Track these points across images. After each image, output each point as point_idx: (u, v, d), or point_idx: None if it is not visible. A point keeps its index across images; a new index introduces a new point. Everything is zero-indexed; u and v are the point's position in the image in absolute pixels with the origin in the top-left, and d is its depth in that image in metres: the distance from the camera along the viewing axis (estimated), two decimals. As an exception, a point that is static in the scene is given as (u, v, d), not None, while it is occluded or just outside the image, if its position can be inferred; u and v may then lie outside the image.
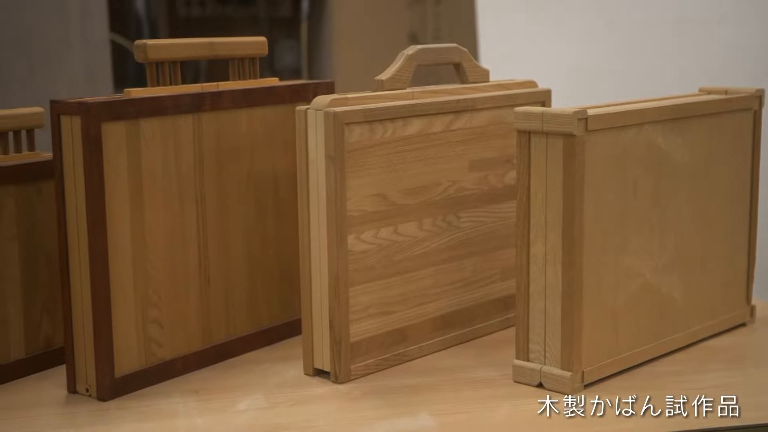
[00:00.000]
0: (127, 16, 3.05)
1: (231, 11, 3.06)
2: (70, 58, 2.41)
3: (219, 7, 3.04)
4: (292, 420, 0.96)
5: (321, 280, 1.05)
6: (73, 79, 2.42)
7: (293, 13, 3.02)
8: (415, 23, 2.78)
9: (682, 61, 2.19)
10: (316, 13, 2.88)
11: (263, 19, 3.06)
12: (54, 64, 2.39)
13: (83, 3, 2.40)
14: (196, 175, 1.08)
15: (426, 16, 2.79)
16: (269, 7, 3.05)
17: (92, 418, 0.97)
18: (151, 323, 1.06)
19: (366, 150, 1.05)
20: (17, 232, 1.07)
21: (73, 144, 0.99)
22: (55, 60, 2.39)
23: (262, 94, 1.15)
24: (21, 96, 2.35)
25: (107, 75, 2.45)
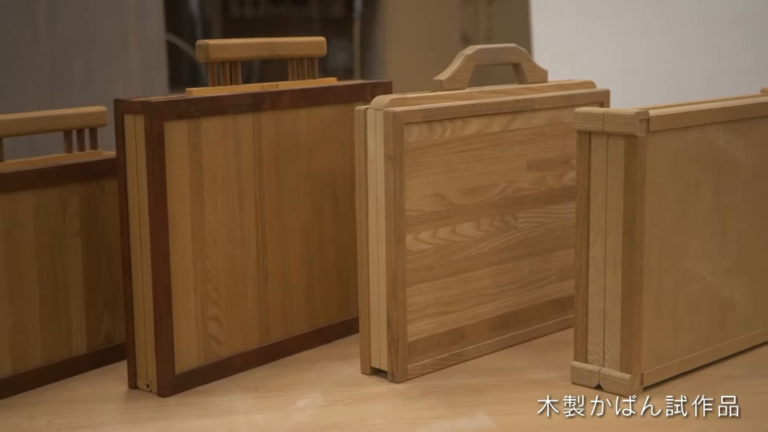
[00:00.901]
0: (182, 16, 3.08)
1: (284, 11, 3.08)
2: (126, 58, 2.44)
3: (272, 8, 3.06)
4: (350, 418, 0.97)
5: (379, 280, 1.06)
6: (130, 79, 2.45)
7: (346, 13, 3.03)
8: (467, 23, 2.77)
9: (741, 62, 2.16)
10: (368, 13, 2.89)
11: (315, 19, 3.08)
12: (111, 64, 2.43)
13: (141, 3, 2.43)
14: (255, 174, 1.09)
15: (478, 17, 2.79)
16: (322, 7, 3.06)
17: (153, 414, 0.98)
18: (210, 320, 1.07)
19: (425, 150, 1.05)
20: (80, 228, 1.08)
21: (136, 142, 1.00)
22: (112, 60, 2.42)
23: (320, 93, 1.15)
24: (79, 95, 2.38)
25: (162, 75, 2.48)
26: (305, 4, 3.06)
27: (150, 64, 2.47)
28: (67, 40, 2.38)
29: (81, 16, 2.39)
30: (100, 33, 2.41)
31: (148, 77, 2.46)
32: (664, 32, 2.25)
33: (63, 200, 1.06)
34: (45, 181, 1.04)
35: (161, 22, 2.47)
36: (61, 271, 1.07)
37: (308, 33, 3.00)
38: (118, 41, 2.43)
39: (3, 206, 1.01)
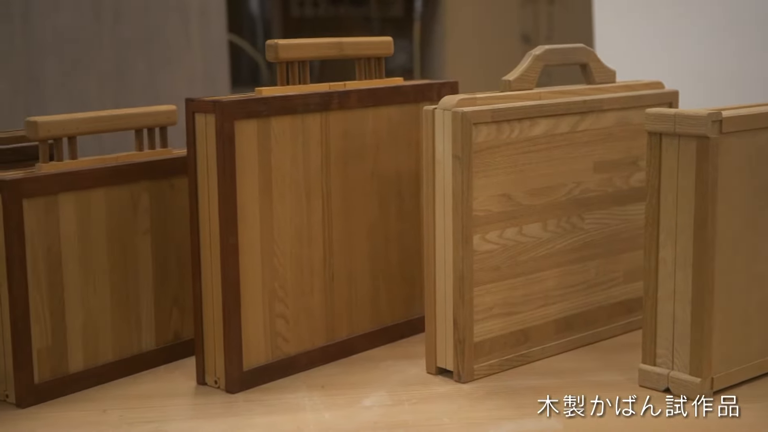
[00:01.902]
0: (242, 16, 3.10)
1: (343, 11, 3.09)
2: (188, 58, 2.47)
3: (332, 8, 3.07)
4: (417, 417, 0.97)
5: (446, 280, 1.06)
6: (192, 79, 2.47)
7: (406, 13, 3.03)
8: (527, 23, 2.76)
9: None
10: (428, 12, 2.89)
11: (375, 19, 3.08)
12: (174, 64, 2.45)
13: (203, 4, 2.45)
14: (322, 173, 1.10)
15: (539, 16, 2.77)
16: (381, 7, 3.07)
17: (222, 410, 0.99)
18: (277, 318, 1.07)
19: (493, 150, 1.05)
20: (150, 226, 1.10)
21: (206, 141, 1.01)
22: (174, 60, 2.45)
23: (387, 93, 1.16)
24: (142, 95, 2.41)
25: (224, 75, 2.50)
26: (365, 4, 3.07)
27: (212, 64, 2.50)
28: (130, 41, 2.41)
29: (144, 17, 2.42)
30: (163, 33, 2.43)
31: (210, 77, 2.49)
32: (730, 31, 2.22)
33: (134, 198, 1.08)
34: (117, 179, 1.06)
35: (223, 23, 2.50)
36: (131, 268, 1.08)
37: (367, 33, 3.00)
38: (181, 41, 2.46)
39: (77, 203, 1.03)
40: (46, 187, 1.00)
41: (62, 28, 2.38)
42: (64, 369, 1.03)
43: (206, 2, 2.46)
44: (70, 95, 2.38)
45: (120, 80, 2.41)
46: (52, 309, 1.02)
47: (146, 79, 2.44)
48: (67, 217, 1.02)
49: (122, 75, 2.41)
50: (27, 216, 0.99)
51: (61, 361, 1.03)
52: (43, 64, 2.37)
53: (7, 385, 1.01)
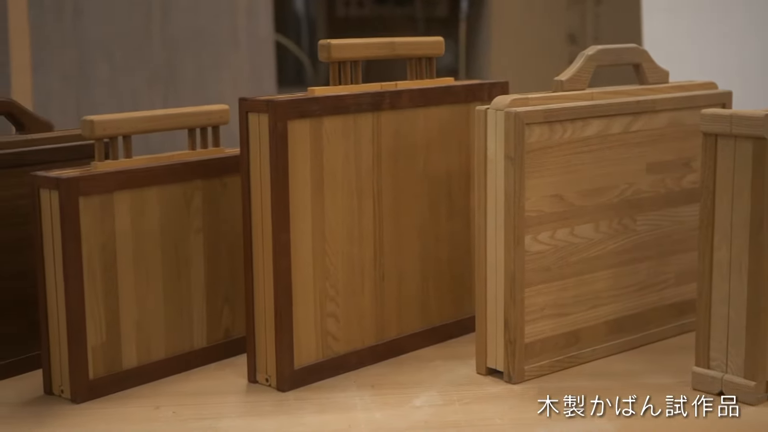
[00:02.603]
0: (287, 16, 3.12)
1: (388, 11, 3.09)
2: (236, 58, 2.48)
3: (376, 8, 3.08)
4: (468, 417, 0.97)
5: (497, 280, 1.05)
6: (239, 78, 2.49)
7: (451, 13, 3.02)
8: (574, 24, 2.75)
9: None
10: (474, 13, 2.88)
11: (420, 19, 3.08)
12: (221, 63, 2.47)
13: (251, 3, 2.47)
14: (373, 172, 1.10)
15: (586, 17, 2.76)
16: (426, 7, 3.07)
17: (274, 408, 1.00)
18: (328, 317, 1.08)
19: (545, 150, 1.04)
20: (202, 224, 1.10)
21: (260, 140, 1.02)
22: (222, 59, 2.47)
23: (438, 93, 1.15)
24: (190, 94, 2.43)
25: (271, 74, 2.51)
26: (410, 4, 3.07)
27: (259, 63, 2.51)
28: (179, 40, 2.43)
29: (193, 16, 2.44)
30: (211, 33, 2.45)
31: (257, 76, 2.50)
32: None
33: (187, 196, 1.09)
34: (170, 178, 1.07)
35: (270, 22, 2.51)
36: (183, 266, 1.09)
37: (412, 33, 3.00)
38: (229, 41, 2.47)
39: (131, 201, 1.04)
40: (101, 186, 1.01)
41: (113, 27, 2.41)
42: (117, 365, 1.04)
43: (254, 2, 2.47)
44: (119, 94, 2.41)
45: (169, 79, 2.43)
46: (106, 306, 1.03)
47: (194, 78, 2.46)
48: (122, 215, 1.03)
49: (171, 74, 2.43)
50: (83, 214, 1.00)
51: (114, 358, 1.04)
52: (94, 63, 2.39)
53: (62, 381, 1.02)
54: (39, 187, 1.00)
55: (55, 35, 2.36)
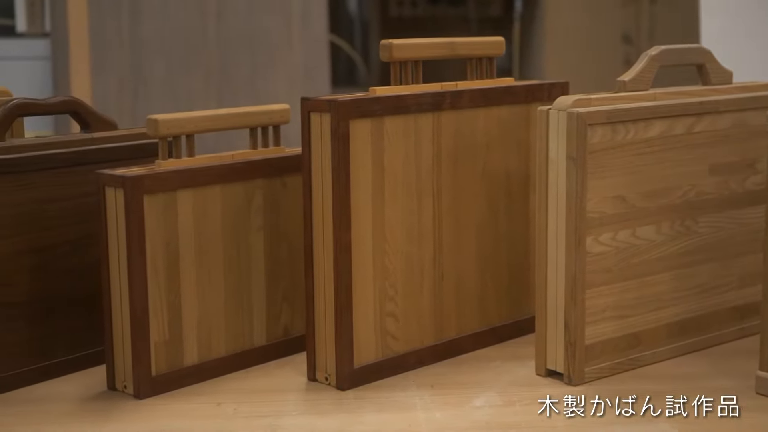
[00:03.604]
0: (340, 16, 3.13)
1: (441, 11, 3.09)
2: (290, 58, 2.50)
3: (429, 7, 3.07)
4: (529, 419, 0.97)
5: (557, 281, 1.05)
6: (293, 78, 2.50)
7: (504, 13, 3.01)
8: (628, 23, 2.72)
9: None
10: (528, 13, 2.87)
11: (473, 19, 3.07)
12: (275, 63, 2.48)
13: (305, 4, 2.48)
14: (433, 172, 1.10)
15: (640, 16, 2.74)
16: (480, 7, 3.06)
17: (334, 406, 1.00)
18: (387, 316, 1.08)
19: (607, 151, 1.04)
20: (263, 223, 1.11)
21: (321, 140, 1.02)
22: (276, 60, 2.48)
23: (499, 93, 1.15)
24: (244, 94, 2.45)
25: (324, 74, 2.52)
26: (463, 4, 3.06)
27: (313, 63, 2.52)
28: (234, 40, 2.45)
29: (248, 17, 2.46)
30: (266, 33, 2.47)
31: (311, 76, 2.51)
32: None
33: (248, 195, 1.09)
34: (232, 177, 1.08)
35: (325, 22, 2.52)
36: (244, 264, 1.10)
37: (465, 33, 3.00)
38: (283, 41, 2.49)
39: (194, 200, 1.05)
40: (165, 184, 1.02)
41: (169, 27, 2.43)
42: (179, 362, 1.05)
43: (308, 2, 2.49)
44: (175, 93, 2.43)
45: (223, 79, 2.45)
46: (169, 303, 1.04)
47: (248, 78, 2.47)
48: (185, 213, 1.04)
49: (226, 74, 2.45)
50: (147, 212, 1.01)
51: (176, 355, 1.05)
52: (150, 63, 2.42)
53: (125, 377, 1.03)
54: (104, 185, 1.02)
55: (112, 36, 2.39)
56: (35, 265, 1.06)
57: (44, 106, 1.10)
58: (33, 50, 2.59)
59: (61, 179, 1.07)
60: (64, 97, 1.12)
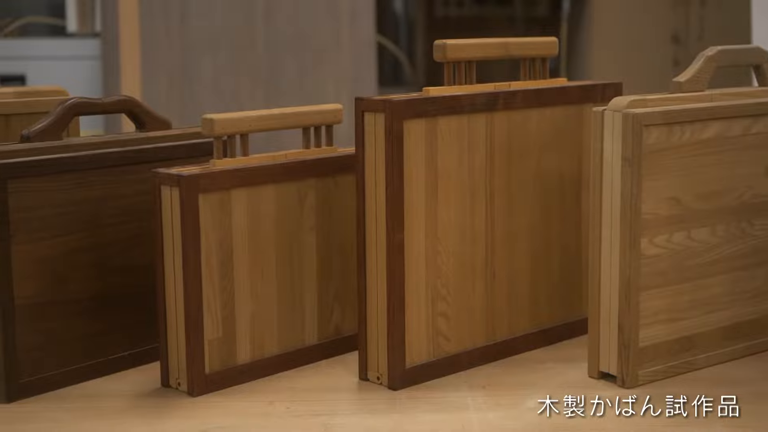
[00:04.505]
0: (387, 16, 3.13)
1: (488, 11, 3.08)
2: (337, 59, 2.50)
3: (476, 7, 3.07)
4: (581, 421, 0.96)
5: (611, 283, 1.04)
6: (340, 79, 2.51)
7: (551, 13, 3.00)
8: (679, 24, 2.70)
9: None
10: (576, 13, 2.86)
11: (519, 19, 3.07)
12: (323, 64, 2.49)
13: (353, 4, 2.48)
14: (486, 173, 1.10)
15: (690, 18, 2.71)
16: (526, 7, 3.05)
17: (386, 406, 1.00)
18: (439, 316, 1.08)
19: (663, 152, 1.03)
20: (315, 223, 1.12)
21: (375, 140, 1.03)
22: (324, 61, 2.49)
23: (552, 94, 1.15)
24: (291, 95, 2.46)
25: (371, 75, 2.53)
26: (509, 4, 3.05)
27: (360, 64, 2.53)
28: (281, 40, 2.46)
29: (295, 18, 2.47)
30: (313, 34, 2.48)
31: (359, 77, 2.52)
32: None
33: (301, 194, 1.10)
34: (286, 176, 1.08)
35: (372, 23, 2.52)
36: (296, 263, 1.10)
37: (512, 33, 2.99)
38: (330, 42, 2.50)
39: (248, 199, 1.05)
40: (220, 183, 1.03)
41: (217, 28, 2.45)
42: (232, 360, 1.06)
43: (356, 3, 2.49)
44: (222, 94, 2.45)
45: (271, 79, 2.47)
46: (222, 301, 1.05)
47: (296, 78, 2.48)
48: (239, 212, 1.05)
49: (273, 74, 2.46)
50: (202, 210, 1.02)
51: (229, 353, 1.06)
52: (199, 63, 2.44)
53: (179, 374, 1.04)
54: (160, 184, 1.03)
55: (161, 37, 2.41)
56: (91, 262, 1.07)
57: (101, 106, 1.11)
58: (83, 50, 2.62)
59: (117, 178, 1.08)
60: (120, 97, 1.14)
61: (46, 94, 1.21)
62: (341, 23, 2.49)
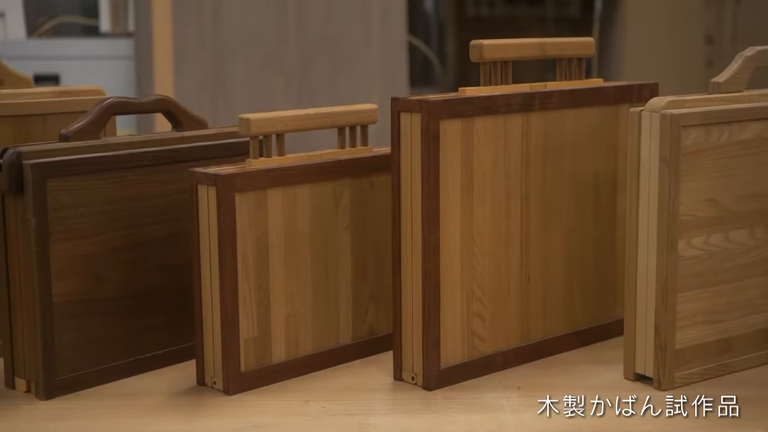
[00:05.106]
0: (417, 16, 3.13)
1: (519, 11, 3.07)
2: (369, 59, 2.50)
3: (507, 7, 3.06)
4: (617, 423, 0.96)
5: (648, 285, 1.04)
6: (371, 79, 2.51)
7: (583, 13, 2.99)
8: (711, 24, 2.68)
9: None
10: (607, 13, 2.84)
11: (550, 20, 3.06)
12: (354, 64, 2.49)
13: (384, 5, 2.48)
14: (522, 174, 1.10)
15: (723, 17, 2.69)
16: (558, 8, 3.04)
17: (422, 406, 1.00)
18: (474, 317, 1.08)
19: (700, 153, 1.02)
20: (350, 223, 1.12)
21: (411, 140, 1.03)
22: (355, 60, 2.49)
23: (588, 94, 1.14)
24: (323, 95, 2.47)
25: (402, 75, 2.53)
26: (541, 4, 3.04)
27: (391, 64, 2.53)
28: (313, 40, 2.47)
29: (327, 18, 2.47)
30: (345, 34, 2.48)
31: (390, 77, 2.52)
32: None
33: (336, 194, 1.10)
34: (321, 176, 1.09)
35: (403, 23, 2.52)
36: (331, 263, 1.11)
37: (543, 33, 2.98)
38: (362, 42, 2.50)
39: (283, 198, 1.06)
40: (256, 182, 1.03)
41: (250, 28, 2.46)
42: (267, 359, 1.06)
43: (388, 3, 2.49)
44: (253, 93, 2.45)
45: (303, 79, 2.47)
46: (258, 300, 1.05)
47: (328, 78, 2.49)
48: (275, 211, 1.05)
49: (305, 74, 2.47)
50: (239, 210, 1.02)
51: (265, 351, 1.06)
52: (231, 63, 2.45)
53: (215, 372, 1.05)
54: (197, 183, 1.03)
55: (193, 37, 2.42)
56: (128, 261, 1.08)
57: (139, 105, 1.11)
58: (116, 50, 2.63)
59: (154, 177, 1.09)
60: (157, 96, 1.14)
61: (83, 93, 1.22)
62: (372, 23, 2.49)
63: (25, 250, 1.02)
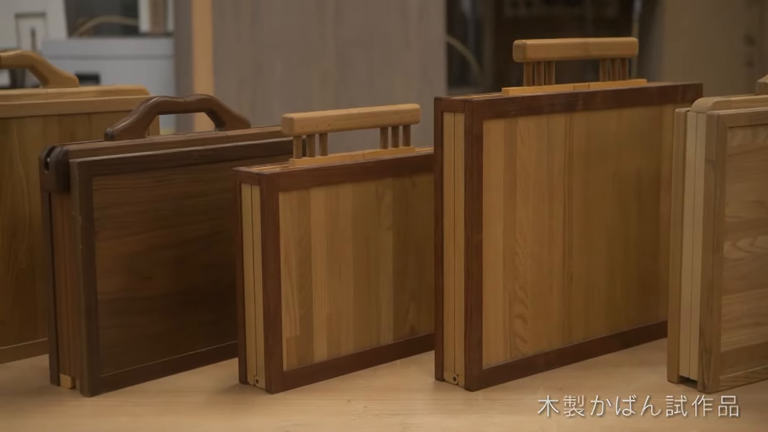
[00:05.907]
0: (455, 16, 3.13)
1: (557, 11, 3.06)
2: (406, 58, 2.50)
3: (545, 8, 3.05)
4: (661, 426, 0.95)
5: (692, 287, 1.03)
6: (409, 79, 2.51)
7: (622, 13, 2.97)
8: (752, 24, 2.66)
9: None
10: (647, 13, 2.82)
11: (589, 20, 3.04)
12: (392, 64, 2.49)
13: (423, 4, 2.48)
14: (565, 174, 1.09)
15: (765, 17, 2.67)
16: (596, 8, 3.02)
17: (463, 407, 1.00)
18: (516, 318, 1.07)
19: (747, 155, 1.01)
20: (392, 222, 1.12)
21: (454, 140, 1.02)
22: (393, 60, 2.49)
23: (631, 95, 1.14)
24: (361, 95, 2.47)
25: (440, 75, 2.52)
26: (579, 4, 3.03)
27: (429, 64, 2.53)
28: (351, 40, 2.47)
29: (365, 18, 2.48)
30: (383, 34, 2.48)
31: (427, 77, 2.52)
32: None
33: (378, 194, 1.10)
34: (363, 176, 1.09)
35: (442, 23, 2.52)
36: (373, 262, 1.11)
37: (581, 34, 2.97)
38: (400, 42, 2.50)
39: (326, 198, 1.06)
40: (299, 182, 1.04)
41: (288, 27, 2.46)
42: (309, 358, 1.07)
43: (426, 3, 2.49)
44: (292, 93, 2.46)
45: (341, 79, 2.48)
46: (300, 299, 1.05)
47: (366, 78, 2.49)
48: (318, 210, 1.06)
49: (343, 74, 2.47)
50: (282, 209, 1.03)
51: (307, 350, 1.06)
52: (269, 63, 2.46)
53: (257, 371, 1.05)
54: (241, 183, 1.03)
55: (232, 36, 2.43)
56: (172, 259, 1.08)
57: (183, 105, 1.12)
58: (156, 49, 2.65)
59: (198, 176, 1.10)
60: (201, 96, 1.15)
61: (127, 93, 1.23)
62: (411, 23, 2.49)
63: (71, 248, 1.03)
